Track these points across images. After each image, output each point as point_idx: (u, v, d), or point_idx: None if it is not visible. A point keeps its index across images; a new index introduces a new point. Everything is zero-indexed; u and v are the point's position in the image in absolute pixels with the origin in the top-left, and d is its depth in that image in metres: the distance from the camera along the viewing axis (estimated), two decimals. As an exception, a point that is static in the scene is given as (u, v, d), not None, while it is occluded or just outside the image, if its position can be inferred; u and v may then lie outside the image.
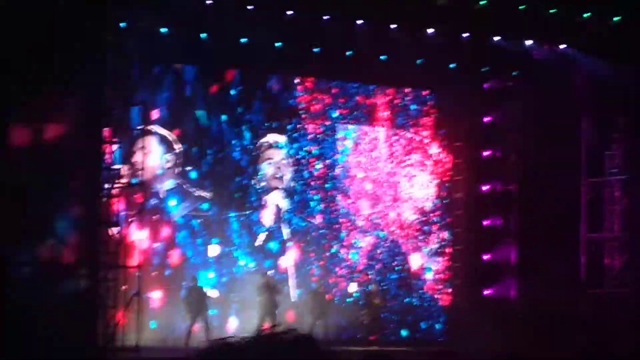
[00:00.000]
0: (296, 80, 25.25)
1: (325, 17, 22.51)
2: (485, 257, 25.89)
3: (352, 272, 25.46)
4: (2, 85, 17.24)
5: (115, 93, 20.05)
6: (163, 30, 21.93)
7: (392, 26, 23.16)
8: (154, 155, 23.39)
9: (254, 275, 23.86)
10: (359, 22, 22.88)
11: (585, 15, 23.19)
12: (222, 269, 24.02)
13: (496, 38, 23.87)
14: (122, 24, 20.74)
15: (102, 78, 19.22)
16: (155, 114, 23.31)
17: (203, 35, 22.52)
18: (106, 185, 19.87)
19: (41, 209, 17.84)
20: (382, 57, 23.99)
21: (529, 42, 24.20)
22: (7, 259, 17.60)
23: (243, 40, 22.70)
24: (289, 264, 24.76)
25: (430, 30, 23.34)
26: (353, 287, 25.31)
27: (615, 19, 23.28)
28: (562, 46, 24.35)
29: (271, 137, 24.96)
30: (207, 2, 21.34)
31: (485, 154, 26.25)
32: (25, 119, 17.99)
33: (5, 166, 17.66)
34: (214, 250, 23.94)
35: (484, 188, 26.18)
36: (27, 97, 17.49)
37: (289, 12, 22.16)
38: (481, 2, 22.50)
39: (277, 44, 23.18)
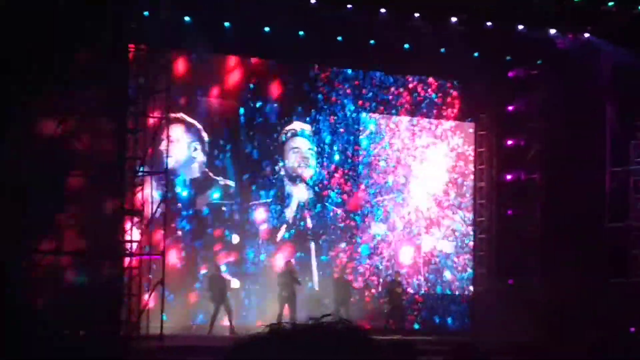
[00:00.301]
0: (318, 70, 25.13)
1: (348, 6, 22.48)
2: (508, 246, 25.83)
3: (374, 261, 25.45)
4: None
5: (139, 82, 20.14)
6: (187, 18, 21.97)
7: (416, 15, 23.12)
8: (180, 144, 23.39)
9: (274, 264, 23.92)
10: (382, 11, 22.84)
11: (609, 3, 23.07)
12: (241, 259, 24.03)
13: (520, 27, 23.78)
14: (145, 13, 20.77)
15: (125, 67, 19.29)
16: (178, 103, 23.30)
17: (226, 24, 22.53)
18: (130, 174, 19.96)
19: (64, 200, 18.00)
20: (405, 47, 23.96)
21: (552, 31, 24.10)
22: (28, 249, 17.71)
23: (266, 29, 22.70)
24: (310, 254, 24.76)
25: (453, 19, 23.28)
26: (374, 276, 25.31)
27: (640, 7, 23.18)
28: (586, 35, 24.23)
29: (297, 125, 24.91)
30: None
31: (509, 142, 26.17)
32: (48, 111, 18.10)
33: (29, 158, 17.76)
34: (235, 239, 23.97)
35: (508, 177, 26.12)
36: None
37: (312, 1, 22.14)
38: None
39: (299, 33, 23.17)
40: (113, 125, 18.98)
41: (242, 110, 24.32)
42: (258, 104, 24.44)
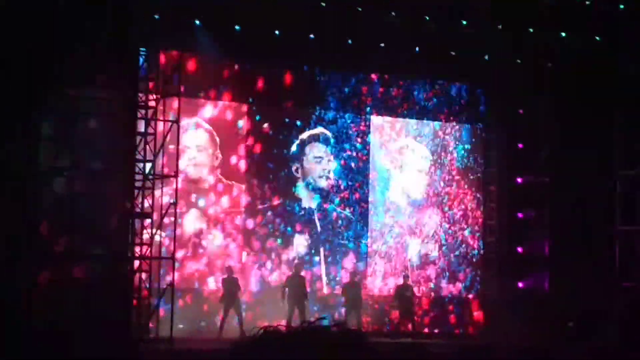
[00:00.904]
0: (324, 73, 25.04)
1: (358, 9, 22.49)
2: (518, 249, 25.82)
3: (383, 265, 25.41)
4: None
5: (149, 84, 20.17)
6: (197, 22, 22.01)
7: (426, 18, 23.13)
8: (192, 148, 23.39)
9: (284, 268, 23.93)
10: (392, 13, 22.85)
11: (620, 7, 23.05)
12: (250, 261, 24.01)
13: (530, 29, 23.75)
14: (155, 16, 20.80)
15: (135, 69, 19.32)
16: (188, 107, 23.29)
17: (237, 28, 22.54)
18: (140, 177, 19.98)
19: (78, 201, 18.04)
20: (415, 49, 23.96)
21: (563, 34, 24.07)
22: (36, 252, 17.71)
23: (276, 32, 22.70)
24: (320, 257, 24.72)
25: (463, 22, 23.28)
26: (384, 280, 25.29)
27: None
28: (596, 38, 24.19)
29: (318, 131, 24.85)
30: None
31: (519, 145, 26.11)
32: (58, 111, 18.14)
33: (31, 158, 17.79)
34: (244, 242, 23.93)
35: (518, 180, 26.06)
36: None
37: (323, 4, 22.15)
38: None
39: (310, 37, 23.18)
40: (123, 126, 19.00)
41: (243, 121, 24.24)
42: (264, 108, 24.40)
